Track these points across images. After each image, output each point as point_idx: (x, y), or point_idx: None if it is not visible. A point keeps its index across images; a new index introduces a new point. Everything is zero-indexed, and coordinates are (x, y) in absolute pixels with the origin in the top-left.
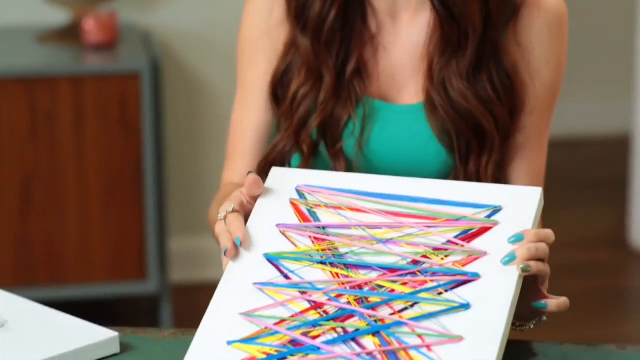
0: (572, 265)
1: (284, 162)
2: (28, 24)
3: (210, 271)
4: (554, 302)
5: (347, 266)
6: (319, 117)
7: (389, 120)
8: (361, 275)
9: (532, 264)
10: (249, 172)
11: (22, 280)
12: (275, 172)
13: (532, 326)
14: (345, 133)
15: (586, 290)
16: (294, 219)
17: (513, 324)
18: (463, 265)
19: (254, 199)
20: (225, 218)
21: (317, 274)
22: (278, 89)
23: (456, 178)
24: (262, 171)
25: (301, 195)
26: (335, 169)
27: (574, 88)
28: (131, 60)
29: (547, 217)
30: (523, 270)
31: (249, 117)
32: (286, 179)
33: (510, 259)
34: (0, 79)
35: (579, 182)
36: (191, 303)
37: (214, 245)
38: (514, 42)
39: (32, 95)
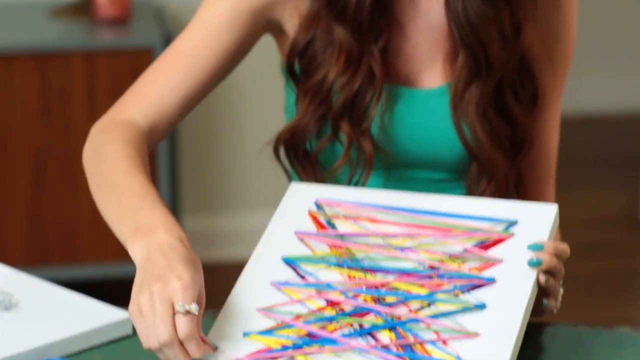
0: (585, 246)
1: (303, 142)
2: None
3: (223, 251)
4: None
5: (364, 269)
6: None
7: (411, 105)
8: (378, 278)
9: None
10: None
11: (35, 259)
12: (293, 187)
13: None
14: (367, 115)
15: (599, 271)
16: (312, 229)
17: None
18: (479, 271)
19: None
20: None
21: (334, 276)
22: (296, 61)
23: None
24: (279, 143)
25: (319, 207)
26: (360, 147)
27: (587, 65)
28: (144, 36)
29: (559, 196)
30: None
31: (199, 61)
32: (305, 194)
33: (537, 263)
34: (13, 55)
35: (592, 161)
36: (204, 283)
37: (228, 224)
38: (532, 24)
39: (45, 70)
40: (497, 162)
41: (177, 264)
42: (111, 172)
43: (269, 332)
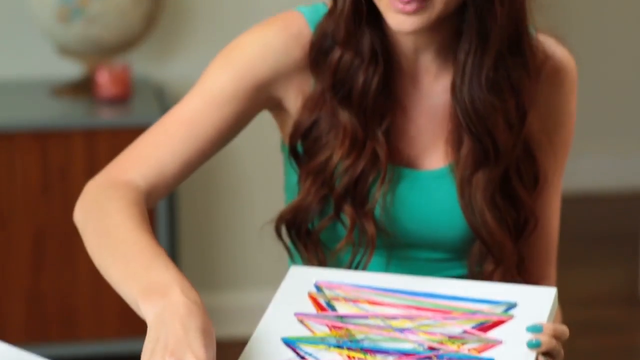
0: (584, 323)
1: (306, 221)
2: (42, 77)
3: (223, 329)
4: None
5: (364, 350)
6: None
7: (414, 186)
8: (378, 358)
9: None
10: None
11: (35, 336)
12: (293, 269)
13: None
14: (370, 197)
15: (600, 348)
16: (312, 311)
17: None
18: (479, 352)
19: None
20: None
21: (333, 357)
22: (299, 142)
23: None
24: (281, 223)
25: (319, 289)
26: (362, 229)
27: (585, 143)
28: (145, 114)
29: (559, 273)
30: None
31: (200, 131)
32: (305, 276)
33: (536, 344)
34: (13, 133)
35: (590, 238)
36: None
37: (228, 302)
38: (534, 107)
39: (46, 148)
40: (506, 247)
41: (193, 336)
42: (116, 229)
43: None
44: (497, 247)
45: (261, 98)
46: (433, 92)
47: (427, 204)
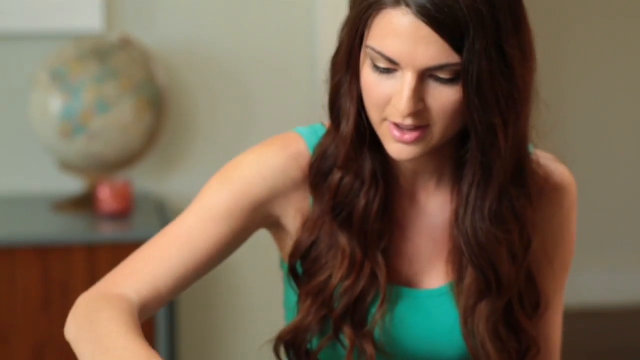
0: None
1: (305, 342)
2: (43, 192)
3: None
4: None
5: None
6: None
7: (413, 306)
8: None
9: None
10: None
11: None
12: None
13: None
14: (369, 317)
15: None
16: None
17: None
18: None
19: None
20: None
21: None
22: (298, 262)
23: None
24: (280, 343)
25: None
26: (362, 349)
27: (584, 258)
28: (146, 229)
29: None
30: None
31: (195, 246)
32: None
33: None
34: (14, 248)
35: (592, 354)
36: None
37: None
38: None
39: (47, 264)
40: None
41: None
42: (109, 336)
43: None
44: None
45: (258, 216)
46: (430, 210)
47: (427, 323)
